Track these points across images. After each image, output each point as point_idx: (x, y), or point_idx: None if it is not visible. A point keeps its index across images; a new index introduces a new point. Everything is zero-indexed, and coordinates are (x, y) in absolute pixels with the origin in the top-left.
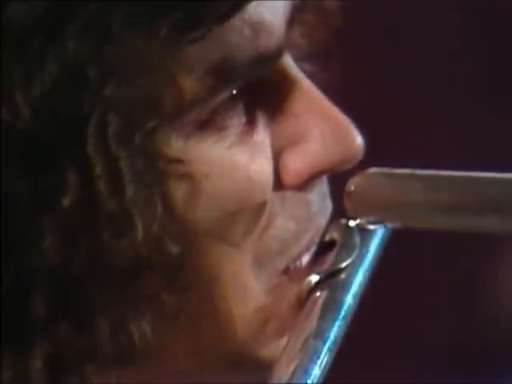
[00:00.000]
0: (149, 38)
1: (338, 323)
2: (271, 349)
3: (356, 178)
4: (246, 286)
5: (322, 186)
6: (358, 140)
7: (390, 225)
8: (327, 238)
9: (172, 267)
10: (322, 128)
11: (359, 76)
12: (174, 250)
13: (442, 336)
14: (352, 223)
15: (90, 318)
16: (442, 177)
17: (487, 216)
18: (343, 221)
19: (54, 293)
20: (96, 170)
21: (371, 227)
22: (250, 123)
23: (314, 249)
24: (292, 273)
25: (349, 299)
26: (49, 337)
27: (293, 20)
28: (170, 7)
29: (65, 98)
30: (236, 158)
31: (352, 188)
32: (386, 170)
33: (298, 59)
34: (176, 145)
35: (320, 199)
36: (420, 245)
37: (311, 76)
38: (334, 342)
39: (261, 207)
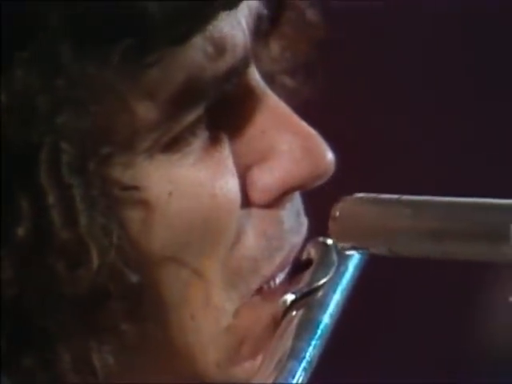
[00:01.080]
0: (100, 65)
1: (313, 343)
2: (246, 369)
3: (342, 203)
4: (217, 307)
5: (294, 203)
6: (328, 155)
7: (375, 251)
8: (304, 256)
9: (132, 296)
10: (290, 143)
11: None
12: (133, 278)
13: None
14: (330, 241)
15: (51, 349)
16: (429, 202)
17: (475, 243)
18: (321, 239)
19: (15, 325)
20: (49, 199)
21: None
22: (213, 140)
23: (288, 268)
24: (266, 292)
25: (325, 319)
26: (12, 369)
27: (258, 32)
28: (120, 33)
29: (15, 126)
30: (200, 175)
31: (337, 213)
32: (372, 195)
33: (278, 73)
34: (134, 170)
35: (293, 217)
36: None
37: (292, 90)
38: (310, 362)
39: (227, 225)
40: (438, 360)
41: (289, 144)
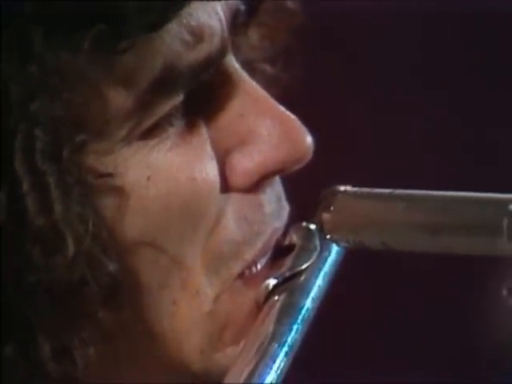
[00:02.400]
0: (72, 52)
1: (295, 327)
2: (229, 355)
3: (335, 197)
4: (199, 292)
5: (275, 188)
6: (307, 139)
7: (368, 245)
8: (287, 241)
9: (110, 283)
10: (269, 127)
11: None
12: (111, 265)
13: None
14: (313, 226)
15: (31, 338)
16: (422, 196)
17: (469, 237)
18: (303, 224)
19: None
20: (23, 186)
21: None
22: (191, 125)
23: (270, 253)
24: (248, 277)
25: (307, 303)
26: None
27: (236, 23)
28: (91, 20)
29: None
30: (177, 159)
31: (331, 207)
32: (365, 189)
33: (258, 61)
34: (110, 157)
35: (273, 201)
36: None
37: (272, 78)
38: (291, 346)
39: (207, 209)
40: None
41: (267, 128)
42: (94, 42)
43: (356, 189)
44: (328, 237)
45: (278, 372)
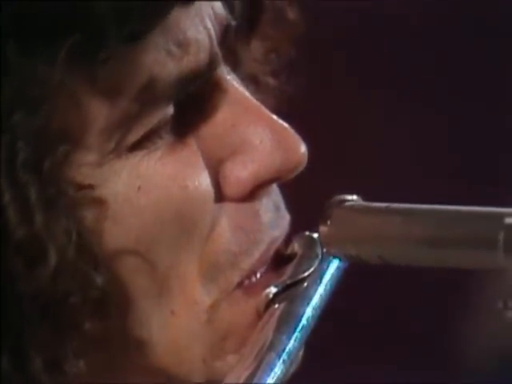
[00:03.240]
0: (49, 63)
1: (294, 335)
2: (231, 363)
3: (333, 210)
4: (197, 301)
5: (272, 197)
6: (300, 147)
7: (365, 258)
8: (289, 251)
9: (98, 294)
10: (261, 136)
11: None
12: (97, 276)
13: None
14: (315, 235)
15: (22, 350)
16: (419, 210)
17: (465, 251)
18: (306, 233)
19: None
20: (5, 197)
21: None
22: (181, 136)
23: (269, 262)
24: (248, 286)
25: (307, 311)
26: None
27: (226, 35)
28: (66, 29)
29: None
30: (168, 169)
31: (329, 221)
32: (362, 203)
33: (262, 75)
34: (99, 170)
35: (271, 210)
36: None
37: (276, 89)
38: (289, 354)
39: (201, 218)
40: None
41: (259, 137)
42: (71, 52)
43: (353, 202)
44: (325, 250)
45: (276, 379)
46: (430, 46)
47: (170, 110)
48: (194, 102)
